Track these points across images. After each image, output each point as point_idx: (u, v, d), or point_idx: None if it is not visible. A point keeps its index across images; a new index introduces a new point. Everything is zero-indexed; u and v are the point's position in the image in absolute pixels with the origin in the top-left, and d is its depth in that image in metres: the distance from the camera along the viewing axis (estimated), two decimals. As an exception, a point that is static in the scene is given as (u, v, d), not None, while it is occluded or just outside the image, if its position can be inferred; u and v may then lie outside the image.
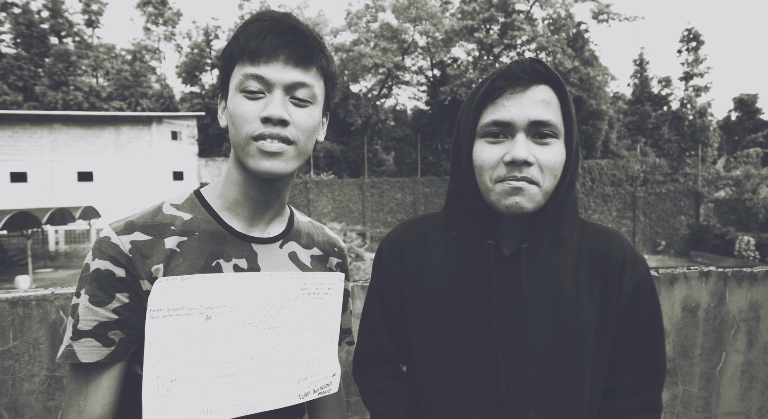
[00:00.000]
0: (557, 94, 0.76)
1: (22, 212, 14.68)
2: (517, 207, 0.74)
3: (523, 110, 0.73)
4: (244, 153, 0.74)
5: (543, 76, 0.75)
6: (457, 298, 0.83)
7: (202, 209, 0.80)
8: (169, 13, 35.57)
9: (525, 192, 0.73)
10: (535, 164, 0.73)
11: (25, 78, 28.59)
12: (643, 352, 0.84)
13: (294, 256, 0.88)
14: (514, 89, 0.74)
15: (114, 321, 0.70)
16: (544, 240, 0.81)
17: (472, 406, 0.82)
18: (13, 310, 1.40)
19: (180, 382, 0.71)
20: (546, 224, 0.79)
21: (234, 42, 0.74)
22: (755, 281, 1.85)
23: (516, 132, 0.74)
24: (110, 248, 0.71)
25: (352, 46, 28.09)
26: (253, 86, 0.72)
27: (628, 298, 0.81)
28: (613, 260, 0.82)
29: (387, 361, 0.95)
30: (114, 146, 23.68)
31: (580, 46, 27.68)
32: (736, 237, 18.45)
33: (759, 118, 39.19)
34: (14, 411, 1.41)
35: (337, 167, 27.64)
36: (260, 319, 0.78)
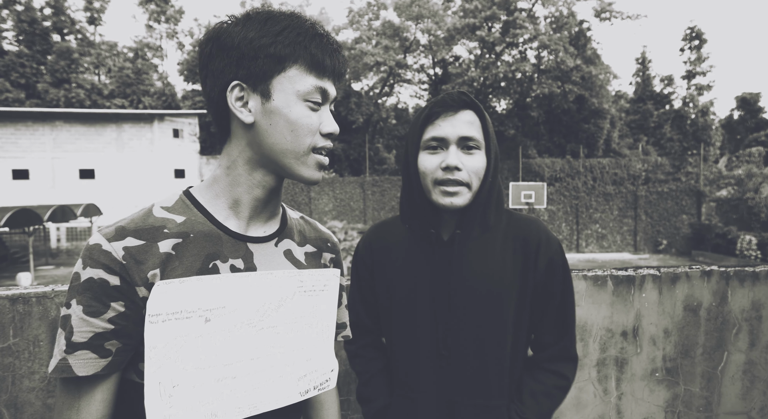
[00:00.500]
0: (478, 116, 1.02)
1: (24, 210, 14.71)
2: (452, 205, 1.01)
3: (453, 128, 1.00)
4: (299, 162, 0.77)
5: (467, 104, 1.02)
6: (411, 275, 1.08)
7: (195, 210, 0.78)
8: (171, 11, 35.55)
9: (457, 194, 1.00)
10: (464, 170, 1.00)
11: (28, 75, 28.61)
12: (557, 314, 1.08)
13: (289, 254, 0.88)
14: (447, 113, 1.01)
15: (110, 331, 0.68)
16: (474, 227, 1.05)
17: (422, 355, 1.07)
18: (13, 307, 1.40)
19: (182, 387, 0.69)
20: (474, 215, 1.04)
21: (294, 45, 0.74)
22: (757, 281, 1.84)
23: (449, 145, 1.00)
24: (102, 256, 0.68)
25: (354, 44, 28.05)
26: (319, 99, 0.77)
27: (543, 271, 1.05)
28: (531, 241, 1.06)
29: (366, 333, 1.21)
30: (116, 143, 23.70)
31: (582, 44, 27.58)
32: (738, 236, 18.39)
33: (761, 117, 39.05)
34: (14, 408, 1.41)
35: (339, 165, 27.62)
36: (259, 319, 0.77)
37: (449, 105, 1.01)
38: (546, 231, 1.08)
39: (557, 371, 1.08)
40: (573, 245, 22.14)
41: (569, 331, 1.09)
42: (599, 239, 22.11)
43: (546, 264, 1.05)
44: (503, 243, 1.06)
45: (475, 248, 1.05)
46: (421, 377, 1.07)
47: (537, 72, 27.47)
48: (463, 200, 1.01)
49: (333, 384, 0.92)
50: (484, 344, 1.04)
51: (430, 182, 1.02)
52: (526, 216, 1.12)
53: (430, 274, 1.06)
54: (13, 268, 17.51)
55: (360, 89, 30.57)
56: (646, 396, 1.82)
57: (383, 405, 1.13)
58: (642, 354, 1.80)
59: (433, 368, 1.06)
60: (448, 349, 1.04)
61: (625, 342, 1.79)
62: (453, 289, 1.03)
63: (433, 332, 1.05)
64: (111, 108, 27.74)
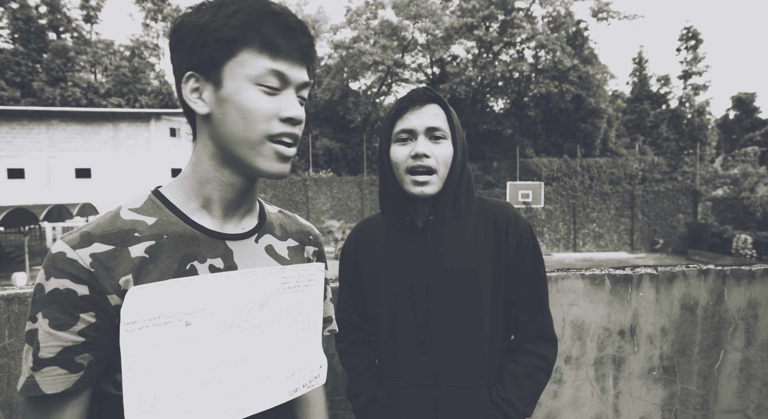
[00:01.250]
0: (443, 109, 1.08)
1: (20, 209, 14.63)
2: (422, 194, 1.06)
3: (421, 120, 1.06)
4: (254, 152, 0.70)
5: (432, 98, 1.08)
6: (392, 264, 1.13)
7: (167, 210, 0.74)
8: (168, 9, 35.41)
9: (427, 183, 1.06)
10: (432, 157, 1.05)
11: (23, 74, 28.46)
12: (530, 291, 1.11)
13: (271, 249, 0.84)
14: (414, 107, 1.07)
15: (81, 344, 0.63)
16: (446, 213, 1.10)
17: (403, 341, 1.11)
18: (8, 307, 1.39)
19: (165, 396, 0.66)
20: (445, 201, 1.09)
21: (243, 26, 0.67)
22: (754, 280, 1.85)
23: (417, 135, 1.07)
24: (67, 265, 0.63)
25: (352, 43, 28.01)
26: (274, 83, 0.69)
27: (513, 249, 1.10)
28: (500, 222, 1.11)
29: (355, 329, 1.24)
30: (112, 142, 23.61)
31: (580, 44, 27.63)
32: (734, 235, 18.47)
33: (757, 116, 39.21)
34: (9, 409, 1.40)
35: (336, 164, 27.59)
36: (242, 319, 0.74)
37: (416, 100, 1.07)
38: (515, 212, 1.13)
39: (535, 351, 1.10)
40: (570, 244, 22.20)
41: (543, 309, 1.12)
42: (596, 239, 22.17)
43: (516, 243, 1.09)
44: (475, 227, 1.11)
45: (449, 233, 1.10)
46: (404, 363, 1.10)
47: (534, 72, 27.50)
48: (432, 189, 1.06)
49: (322, 381, 0.89)
50: (463, 325, 1.07)
51: (402, 172, 1.08)
52: (496, 201, 1.16)
53: (407, 260, 1.11)
54: (8, 268, 17.42)
55: (358, 89, 30.54)
56: (643, 395, 1.82)
57: (370, 398, 1.16)
58: (639, 352, 1.81)
59: (415, 353, 1.09)
60: (428, 333, 1.07)
61: (622, 341, 1.80)
62: (430, 273, 1.08)
63: (412, 317, 1.09)
64: (107, 107, 27.62)
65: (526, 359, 1.10)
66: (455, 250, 1.09)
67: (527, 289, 1.11)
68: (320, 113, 28.46)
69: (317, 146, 26.94)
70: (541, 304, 1.12)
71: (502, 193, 23.57)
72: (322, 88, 27.96)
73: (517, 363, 1.11)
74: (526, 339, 1.12)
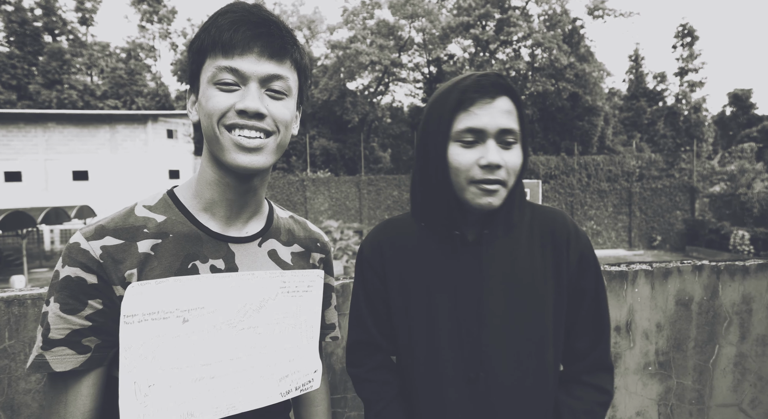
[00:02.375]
0: (515, 104, 0.88)
1: (17, 212, 14.60)
2: (489, 206, 0.87)
3: (492, 118, 0.85)
4: (219, 147, 0.72)
5: (505, 89, 0.87)
6: (430, 282, 0.94)
7: (176, 209, 0.77)
8: (163, 11, 35.35)
9: (496, 193, 0.87)
10: (504, 167, 0.86)
11: (19, 76, 28.37)
12: (591, 315, 0.96)
13: (274, 254, 0.86)
14: (484, 100, 0.85)
15: (88, 328, 0.68)
16: (500, 227, 0.93)
17: (448, 378, 0.91)
18: (8, 309, 1.40)
19: (158, 387, 0.69)
20: (501, 212, 0.92)
21: (204, 34, 0.71)
22: (748, 275, 1.87)
23: (487, 138, 0.86)
24: (80, 255, 0.68)
25: (349, 43, 28.00)
26: (228, 78, 0.70)
27: (575, 266, 0.94)
28: (560, 234, 0.95)
29: (375, 351, 1.03)
30: (109, 144, 23.56)
31: (576, 42, 27.68)
32: (731, 232, 18.54)
33: (753, 113, 39.34)
34: (10, 410, 1.41)
35: (334, 164, 27.58)
36: (239, 319, 0.76)
37: (487, 90, 0.85)
38: (573, 222, 0.98)
39: (597, 384, 0.95)
40: (568, 242, 22.22)
41: (605, 336, 0.96)
42: (594, 236, 22.22)
43: (578, 259, 0.94)
44: (530, 240, 0.94)
45: (502, 248, 0.93)
46: (449, 406, 0.91)
47: (531, 70, 27.53)
48: (500, 200, 0.88)
49: (316, 385, 0.91)
50: (523, 359, 0.90)
51: (464, 180, 0.88)
52: (549, 208, 1.00)
53: (453, 280, 0.92)
54: (6, 271, 17.37)
55: (355, 89, 30.54)
56: (639, 390, 1.84)
57: None
58: (635, 348, 1.82)
59: (463, 394, 0.91)
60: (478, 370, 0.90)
61: (618, 337, 1.81)
62: (484, 296, 0.90)
63: (458, 349, 0.90)
64: (104, 109, 27.55)
65: (588, 394, 0.95)
66: (511, 268, 0.92)
67: (587, 312, 0.95)
68: (317, 113, 28.44)
69: (315, 146, 26.93)
70: (603, 329, 0.96)
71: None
72: (320, 88, 27.95)
73: (577, 398, 0.95)
74: (587, 370, 0.96)
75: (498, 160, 0.85)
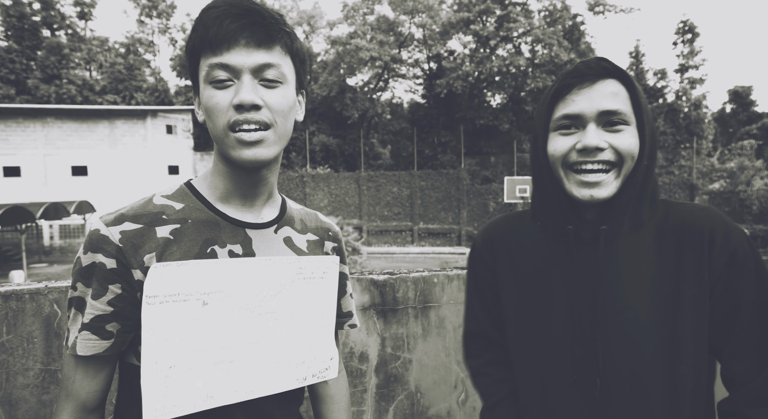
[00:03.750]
0: (626, 86, 0.81)
1: (16, 207, 14.60)
2: (592, 199, 0.81)
3: (591, 102, 0.80)
4: (225, 145, 0.73)
5: (609, 71, 0.81)
6: (544, 281, 0.89)
7: (194, 198, 0.80)
8: (162, 6, 35.21)
9: (599, 185, 0.80)
10: (608, 149, 0.80)
11: (17, 71, 28.29)
12: (751, 330, 0.79)
13: (289, 241, 0.88)
14: (582, 85, 0.81)
15: (110, 313, 0.70)
16: (624, 223, 0.84)
17: (558, 385, 0.86)
18: (6, 304, 1.39)
19: (179, 368, 0.70)
20: (624, 207, 0.83)
21: (193, 34, 0.72)
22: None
23: (587, 123, 0.80)
24: (100, 241, 0.70)
25: (349, 39, 27.92)
26: (221, 75, 0.70)
27: (722, 271, 0.79)
28: (699, 232, 0.81)
29: (490, 345, 1.02)
30: (108, 140, 23.53)
31: (576, 38, 27.62)
32: (731, 229, 18.56)
33: (753, 110, 39.33)
34: (8, 404, 1.41)
35: (334, 160, 27.57)
36: (257, 304, 0.78)
37: (585, 75, 0.81)
38: (721, 218, 0.83)
39: None
40: (567, 238, 22.26)
41: None
42: (593, 233, 22.23)
43: (727, 260, 0.79)
44: (660, 239, 0.83)
45: (626, 247, 0.83)
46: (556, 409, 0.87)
47: (531, 66, 27.48)
48: (607, 191, 0.80)
49: (333, 373, 0.91)
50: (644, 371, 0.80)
51: (561, 168, 0.83)
52: (692, 204, 0.87)
53: (567, 280, 0.86)
54: (5, 266, 17.39)
55: (355, 84, 30.49)
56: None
57: None
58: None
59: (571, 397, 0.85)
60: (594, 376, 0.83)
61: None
62: (600, 299, 0.83)
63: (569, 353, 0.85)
64: (103, 104, 27.49)
65: None
66: (634, 270, 0.82)
67: (745, 326, 0.78)
68: (317, 108, 28.40)
69: (314, 142, 26.90)
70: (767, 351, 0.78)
71: (499, 188, 23.61)
72: (320, 84, 27.89)
73: None
74: (750, 402, 0.78)
75: (596, 142, 0.78)
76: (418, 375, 1.80)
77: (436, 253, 21.54)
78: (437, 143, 28.42)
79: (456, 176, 24.47)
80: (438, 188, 24.50)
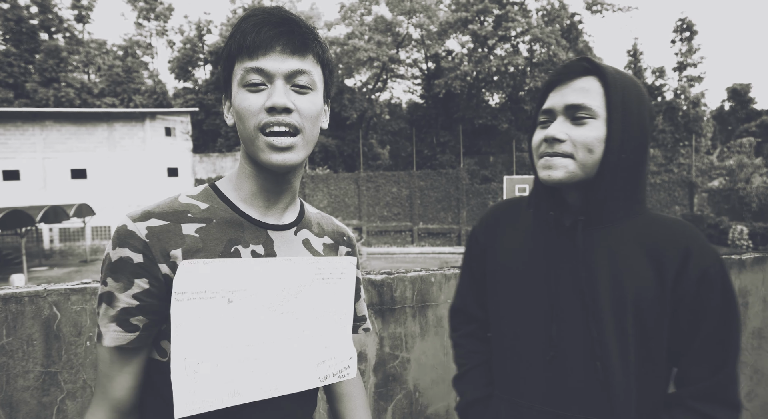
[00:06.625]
0: (602, 83, 0.86)
1: (16, 211, 14.59)
2: (549, 179, 0.88)
3: (562, 97, 0.87)
4: (255, 147, 0.76)
5: (587, 70, 0.87)
6: (529, 259, 0.96)
7: (218, 199, 0.82)
8: (160, 8, 35.22)
9: (554, 165, 0.87)
10: (568, 141, 0.86)
11: (16, 75, 28.30)
12: (709, 341, 0.84)
13: (307, 243, 0.90)
14: (561, 83, 0.89)
15: (135, 307, 0.72)
16: (603, 214, 0.89)
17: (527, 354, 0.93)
18: (5, 307, 1.40)
19: (206, 365, 0.72)
20: (602, 198, 0.87)
21: (231, 40, 0.76)
22: (744, 268, 1.87)
23: (556, 116, 0.88)
24: (127, 235, 0.73)
25: (347, 39, 27.93)
26: (255, 79, 0.74)
27: (692, 285, 0.84)
28: (678, 244, 0.86)
29: (469, 320, 1.11)
30: (107, 142, 23.53)
31: (574, 37, 27.64)
32: (730, 226, 18.58)
33: (752, 107, 39.35)
34: (9, 407, 1.41)
35: (333, 161, 27.57)
36: (279, 303, 0.80)
37: (563, 73, 0.89)
38: (702, 239, 0.87)
39: (706, 415, 0.84)
40: (567, 237, 22.26)
41: (727, 366, 0.84)
42: (593, 232, 22.24)
43: (698, 277, 0.83)
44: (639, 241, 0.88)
45: (602, 240, 0.89)
46: (527, 380, 0.94)
47: (529, 65, 27.49)
48: (561, 174, 0.86)
49: (353, 373, 0.92)
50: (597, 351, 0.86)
51: (536, 157, 0.92)
52: (678, 218, 0.92)
53: (545, 263, 0.93)
54: (6, 270, 17.38)
55: (353, 85, 30.50)
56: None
57: (474, 398, 1.05)
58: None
59: (539, 371, 0.91)
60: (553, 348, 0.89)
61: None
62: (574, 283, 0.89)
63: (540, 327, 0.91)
64: (101, 107, 27.51)
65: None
66: (607, 263, 0.88)
67: (705, 337, 0.84)
68: (316, 110, 28.34)
69: (313, 144, 26.85)
70: (726, 360, 0.84)
71: (499, 187, 23.62)
72: (318, 85, 27.85)
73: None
74: (696, 397, 0.85)
75: (553, 133, 0.85)
76: (417, 374, 1.81)
77: (436, 253, 21.55)
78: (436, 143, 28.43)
79: (455, 175, 24.48)
80: (437, 188, 24.50)
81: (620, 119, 0.84)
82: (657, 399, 0.89)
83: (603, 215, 0.89)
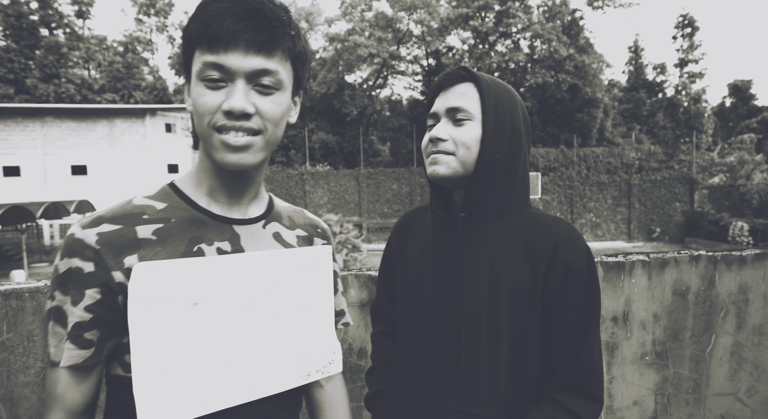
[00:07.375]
0: (477, 89, 0.94)
1: (16, 207, 14.59)
2: (435, 174, 0.94)
3: (444, 101, 0.96)
4: (208, 144, 0.71)
5: (464, 78, 0.96)
6: (421, 260, 1.03)
7: (177, 197, 0.77)
8: (160, 4, 35.09)
9: (439, 161, 0.94)
10: (449, 140, 0.93)
11: (16, 71, 28.23)
12: (572, 332, 0.90)
13: (278, 236, 0.86)
14: (444, 89, 0.98)
15: (89, 320, 0.66)
16: (482, 212, 0.95)
17: (412, 344, 1.00)
18: (6, 302, 1.40)
19: (173, 374, 0.67)
20: (479, 196, 0.94)
21: (192, 24, 0.69)
22: (744, 264, 1.87)
23: (440, 119, 0.97)
24: (75, 244, 0.67)
25: (347, 35, 27.83)
26: (214, 75, 0.68)
27: (558, 278, 0.89)
28: (547, 240, 0.91)
29: (382, 319, 1.18)
30: (108, 138, 23.50)
31: (575, 33, 27.52)
32: (730, 223, 18.56)
33: (753, 104, 39.22)
34: (10, 402, 1.42)
35: (333, 158, 27.54)
36: (251, 301, 0.75)
37: (445, 80, 0.98)
38: (572, 234, 0.92)
39: (566, 406, 0.88)
40: (567, 234, 22.27)
41: (585, 357, 0.89)
42: (593, 228, 22.25)
43: (564, 271, 0.88)
44: (513, 236, 0.93)
45: (479, 238, 0.94)
46: (412, 370, 1.00)
47: (530, 62, 27.40)
48: (444, 169, 0.93)
49: (338, 368, 0.88)
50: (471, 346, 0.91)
51: (425, 157, 1.00)
52: (552, 217, 0.97)
53: (436, 260, 0.99)
54: (6, 266, 17.40)
55: (354, 81, 30.41)
56: (636, 380, 1.85)
57: (377, 392, 1.10)
58: (632, 338, 1.83)
59: (422, 362, 0.97)
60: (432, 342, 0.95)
61: (615, 327, 1.82)
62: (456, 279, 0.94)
63: (427, 322, 0.97)
64: (102, 103, 27.45)
65: (553, 411, 0.89)
66: (481, 259, 0.93)
67: (569, 329, 0.90)
68: (316, 106, 28.35)
69: (313, 140, 26.86)
70: (584, 351, 0.89)
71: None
72: (318, 81, 27.82)
73: (542, 412, 0.90)
74: (558, 388, 0.91)
75: (436, 133, 0.94)
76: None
77: (437, 249, 21.48)
78: (437, 140, 28.34)
79: (456, 172, 24.39)
80: (438, 185, 24.43)
81: (493, 120, 0.92)
82: (532, 392, 0.93)
83: (482, 213, 0.95)
